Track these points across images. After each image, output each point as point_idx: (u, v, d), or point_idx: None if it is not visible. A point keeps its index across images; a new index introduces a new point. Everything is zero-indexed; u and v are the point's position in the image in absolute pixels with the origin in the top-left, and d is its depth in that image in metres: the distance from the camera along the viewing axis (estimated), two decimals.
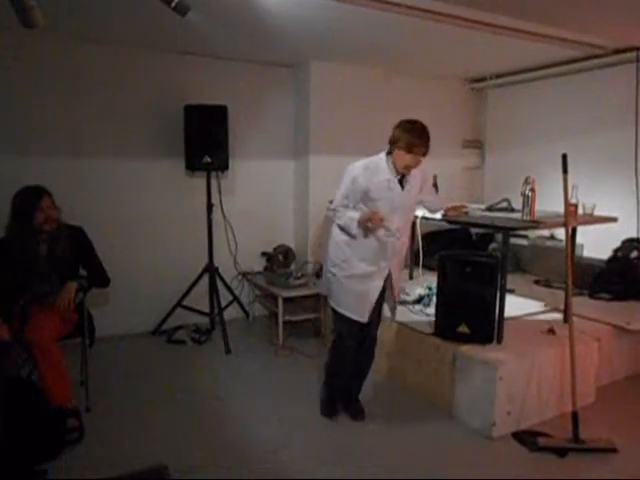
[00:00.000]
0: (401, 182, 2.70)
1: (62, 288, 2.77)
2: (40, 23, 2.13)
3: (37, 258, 2.81)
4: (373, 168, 2.68)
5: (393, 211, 2.67)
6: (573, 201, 2.98)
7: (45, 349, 2.60)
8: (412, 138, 2.58)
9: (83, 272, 2.99)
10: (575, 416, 2.63)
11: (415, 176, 2.75)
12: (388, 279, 2.81)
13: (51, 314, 2.72)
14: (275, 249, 4.65)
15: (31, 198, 2.77)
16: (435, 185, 4.23)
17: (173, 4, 2.48)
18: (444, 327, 3.04)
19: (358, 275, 2.73)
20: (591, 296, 3.90)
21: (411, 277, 4.56)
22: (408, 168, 2.65)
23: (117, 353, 3.85)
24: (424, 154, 2.62)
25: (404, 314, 3.51)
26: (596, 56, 4.15)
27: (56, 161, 3.84)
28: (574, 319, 2.81)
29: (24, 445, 2.35)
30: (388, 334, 3.47)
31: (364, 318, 2.75)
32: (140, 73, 4.10)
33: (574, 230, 3.23)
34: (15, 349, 2.53)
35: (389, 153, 2.69)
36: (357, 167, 2.70)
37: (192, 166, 4.08)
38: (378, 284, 2.77)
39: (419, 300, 3.72)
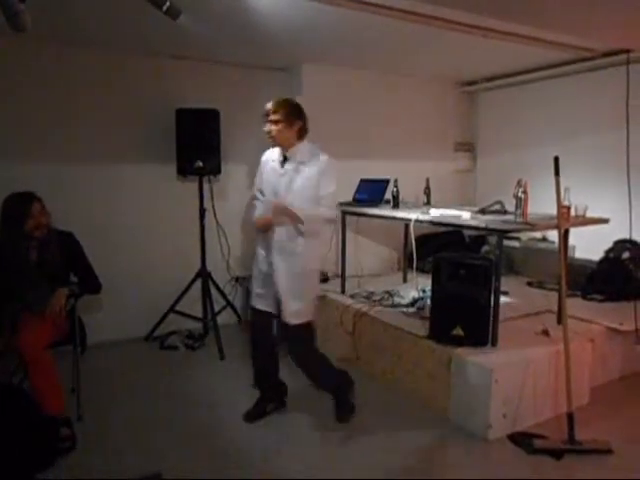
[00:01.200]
0: (283, 163, 2.74)
1: (53, 294, 2.74)
2: (29, 26, 2.11)
3: (27, 264, 2.77)
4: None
5: (275, 197, 2.71)
6: (565, 203, 3.00)
7: (36, 357, 2.56)
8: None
9: (74, 278, 2.96)
10: (570, 417, 2.63)
11: (311, 162, 2.73)
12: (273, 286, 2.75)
13: (42, 321, 2.68)
14: None
15: (21, 204, 2.74)
16: (427, 188, 4.25)
17: (165, 8, 2.47)
18: (439, 330, 3.04)
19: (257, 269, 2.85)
20: (584, 297, 3.93)
21: (405, 280, 4.57)
22: (271, 138, 2.73)
23: (109, 360, 3.81)
24: (267, 115, 2.71)
25: (398, 317, 3.51)
26: (586, 59, 4.18)
27: (46, 166, 3.80)
28: (568, 320, 2.82)
29: (15, 455, 2.31)
30: (382, 337, 3.46)
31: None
32: (131, 77, 4.08)
33: (567, 232, 3.24)
34: (5, 357, 2.49)
35: None
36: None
37: (184, 171, 4.06)
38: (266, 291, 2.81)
39: (413, 303, 3.72)
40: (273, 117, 2.68)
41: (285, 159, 2.75)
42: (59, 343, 2.82)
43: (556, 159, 2.78)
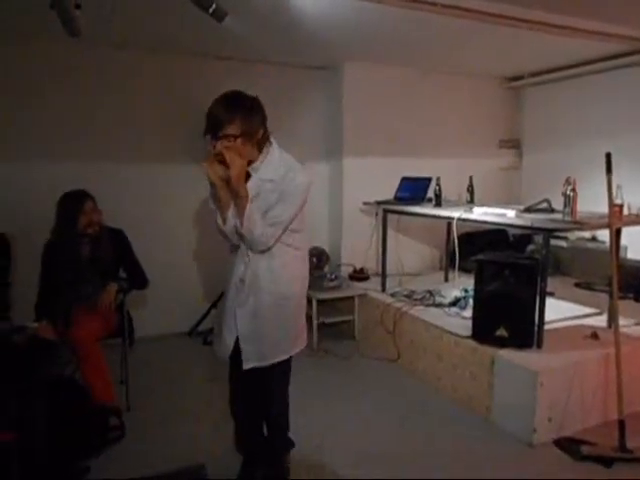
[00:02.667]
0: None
1: (103, 289, 2.85)
2: (83, 31, 2.20)
3: (80, 260, 2.90)
4: None
5: None
6: (618, 201, 2.88)
7: (88, 349, 2.68)
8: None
9: (123, 274, 3.07)
10: (622, 424, 2.53)
11: (284, 183, 2.02)
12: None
13: (93, 315, 2.80)
14: (310, 251, 4.65)
15: (75, 202, 2.86)
16: (470, 186, 4.17)
17: (211, 10, 2.52)
18: (481, 330, 2.99)
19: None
20: (636, 299, 3.76)
21: (446, 279, 4.51)
22: (221, 165, 2.00)
23: (156, 353, 3.93)
24: (215, 129, 2.00)
25: (439, 317, 3.47)
26: (637, 51, 3.99)
27: (96, 165, 3.95)
28: (620, 323, 2.70)
29: (68, 442, 2.42)
30: (423, 336, 3.43)
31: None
32: (173, 78, 4.16)
33: (618, 231, 3.11)
34: (60, 348, 2.61)
35: None
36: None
37: None
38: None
39: (455, 302, 3.67)
40: (228, 130, 1.93)
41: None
42: (109, 336, 2.94)
43: (608, 156, 2.68)
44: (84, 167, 3.88)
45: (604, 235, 4.28)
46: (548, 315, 2.95)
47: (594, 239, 4.53)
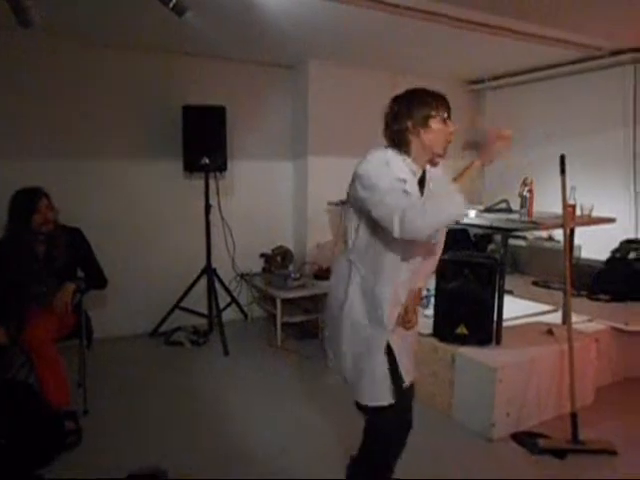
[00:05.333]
0: (421, 183, 1.79)
1: (59, 289, 2.76)
2: (36, 22, 2.12)
3: (34, 259, 2.80)
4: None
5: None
6: (571, 202, 2.99)
7: (43, 351, 2.59)
8: (442, 99, 1.83)
9: (81, 274, 2.98)
10: (574, 417, 2.62)
11: (437, 173, 1.87)
12: None
13: (48, 315, 2.71)
14: (273, 250, 4.64)
15: (28, 199, 2.77)
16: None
17: (171, 4, 2.48)
18: (443, 328, 3.04)
19: None
20: (590, 297, 3.91)
21: None
22: (446, 148, 1.82)
23: (115, 355, 3.83)
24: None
25: None
26: (594, 57, 4.15)
27: (52, 163, 3.82)
28: (573, 320, 2.81)
29: (21, 449, 2.34)
30: None
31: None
32: (138, 74, 4.09)
33: (572, 231, 3.23)
34: (12, 351, 2.51)
35: (399, 146, 1.78)
36: (386, 156, 1.74)
37: (190, 167, 4.07)
38: None
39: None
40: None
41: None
42: (66, 337, 2.85)
43: (562, 158, 2.77)
44: (42, 165, 3.76)
45: (561, 235, 4.43)
46: (507, 313, 3.03)
47: (551, 238, 4.68)
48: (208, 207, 4.16)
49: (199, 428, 2.82)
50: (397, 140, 1.78)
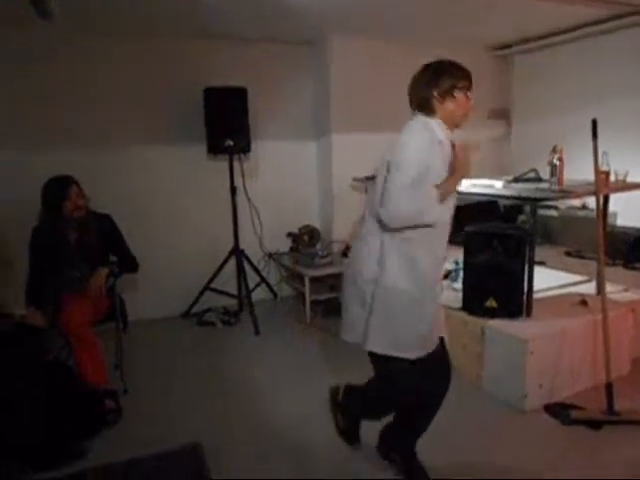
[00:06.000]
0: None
1: (93, 274, 2.85)
2: (55, 13, 2.15)
3: (67, 245, 2.89)
4: (431, 137, 1.89)
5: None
6: (604, 168, 2.88)
7: (80, 334, 2.69)
8: (467, 73, 2.02)
9: (113, 259, 3.06)
10: (609, 387, 2.57)
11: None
12: None
13: (84, 300, 2.80)
14: (300, 229, 4.65)
15: (59, 187, 2.85)
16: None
17: None
18: (471, 302, 3.01)
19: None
20: (625, 266, 3.79)
21: None
22: (465, 120, 2.02)
23: (149, 337, 3.95)
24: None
25: None
26: (626, 14, 3.93)
27: (80, 150, 3.90)
28: (608, 290, 2.73)
29: (64, 426, 2.45)
30: None
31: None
32: (159, 58, 4.11)
33: (606, 198, 3.12)
34: (51, 334, 2.62)
35: (428, 112, 1.95)
36: (428, 139, 1.86)
37: (214, 150, 4.09)
38: None
39: (446, 275, 3.67)
40: None
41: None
42: (101, 321, 2.96)
43: (594, 122, 2.66)
44: (69, 153, 3.84)
45: (594, 203, 4.29)
46: (538, 284, 2.97)
47: (584, 207, 4.53)
48: (234, 189, 4.18)
49: (231, 405, 2.90)
50: (423, 106, 1.94)
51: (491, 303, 2.91)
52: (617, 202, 3.63)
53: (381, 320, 1.94)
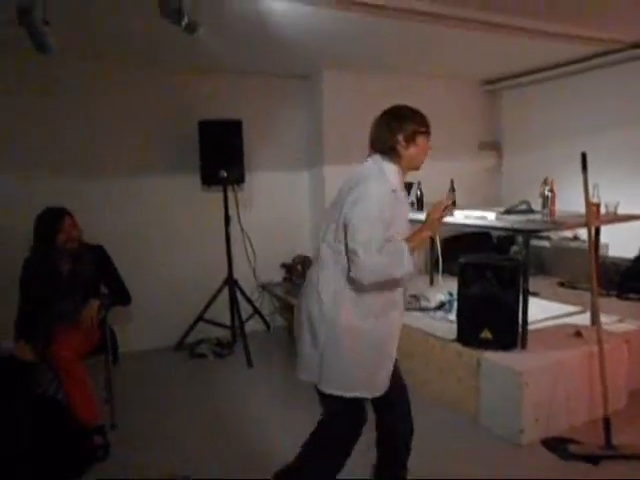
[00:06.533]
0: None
1: (85, 306, 2.81)
2: (53, 49, 2.18)
3: (60, 277, 2.86)
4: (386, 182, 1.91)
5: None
6: (595, 200, 2.91)
7: (70, 367, 2.64)
8: (425, 117, 2.05)
9: (105, 290, 3.03)
10: (607, 422, 2.54)
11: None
12: None
13: (74, 332, 2.76)
14: (294, 259, 4.65)
15: (53, 219, 2.84)
16: (452, 189, 4.19)
17: (183, 24, 2.51)
18: (466, 333, 2.99)
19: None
20: (619, 296, 3.80)
21: (432, 283, 4.52)
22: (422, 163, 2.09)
23: (141, 369, 3.88)
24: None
25: (425, 321, 3.47)
26: (614, 51, 4.06)
27: (73, 181, 3.91)
28: (602, 320, 2.73)
29: (52, 462, 2.38)
30: (409, 341, 3.42)
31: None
32: (153, 91, 4.17)
33: (597, 230, 3.15)
34: (39, 368, 2.57)
35: (389, 156, 1.97)
36: (386, 188, 1.88)
37: (208, 181, 4.12)
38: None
39: (440, 306, 3.67)
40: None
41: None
42: (92, 353, 2.90)
43: (583, 155, 2.71)
44: (61, 182, 3.85)
45: (586, 234, 4.33)
46: (532, 315, 2.97)
47: (576, 238, 4.58)
48: (228, 219, 4.19)
49: (222, 439, 2.83)
50: (389, 152, 1.95)
51: (486, 334, 2.89)
52: (608, 233, 3.66)
53: (338, 359, 1.90)
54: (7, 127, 3.70)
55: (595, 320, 2.74)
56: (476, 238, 4.96)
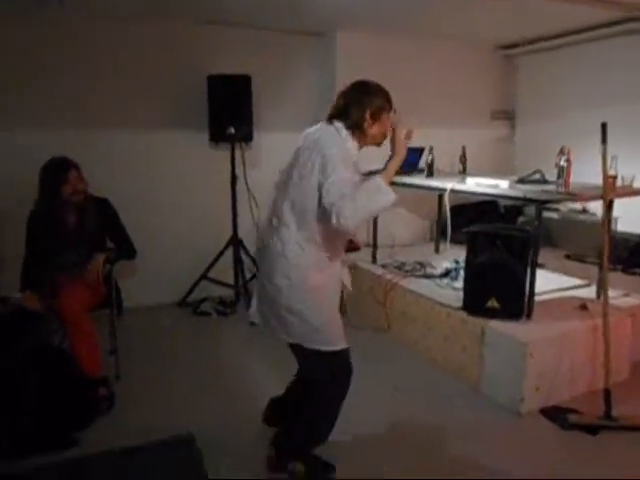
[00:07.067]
0: None
1: (90, 259, 2.79)
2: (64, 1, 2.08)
3: (65, 230, 2.83)
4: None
5: None
6: (612, 172, 2.85)
7: (76, 319, 2.64)
8: (388, 93, 2.10)
9: (110, 245, 3.01)
10: (607, 393, 2.56)
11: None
12: None
13: (80, 285, 2.75)
14: None
15: (58, 170, 2.78)
16: (463, 156, 4.11)
17: None
18: (472, 301, 2.99)
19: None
20: (625, 271, 3.79)
21: (437, 250, 4.50)
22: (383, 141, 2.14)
23: (145, 324, 3.89)
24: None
25: (431, 288, 3.46)
26: (636, 18, 3.90)
27: (79, 134, 3.83)
28: (608, 294, 2.72)
29: (57, 412, 2.41)
30: (414, 307, 3.43)
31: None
32: (162, 44, 4.03)
33: (611, 203, 3.09)
34: (45, 318, 2.57)
35: (352, 131, 2.02)
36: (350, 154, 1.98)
37: (216, 137, 4.03)
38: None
39: (446, 274, 3.66)
40: None
41: None
42: (97, 306, 2.90)
43: (603, 126, 2.63)
44: (69, 135, 3.76)
45: (595, 207, 4.28)
46: (538, 286, 2.95)
47: (585, 211, 4.53)
48: (234, 178, 4.13)
49: (226, 396, 2.87)
50: (353, 127, 1.99)
51: (492, 303, 2.88)
52: (618, 207, 3.60)
53: (317, 317, 2.01)
54: (2, 82, 3.58)
55: (603, 293, 2.72)
56: (483, 207, 4.91)
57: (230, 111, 3.92)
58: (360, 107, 1.98)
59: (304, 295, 1.99)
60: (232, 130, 3.90)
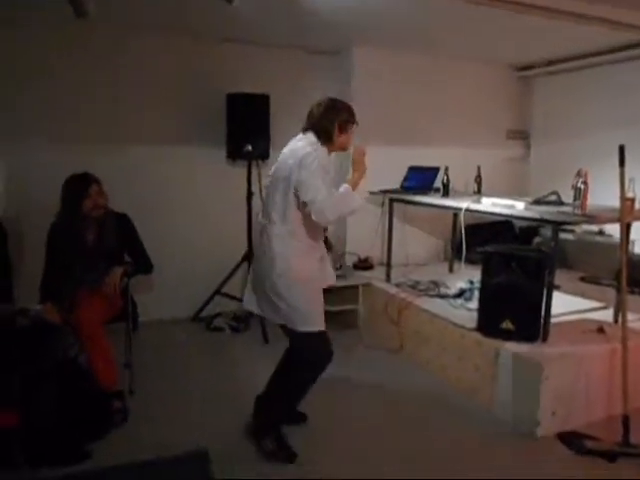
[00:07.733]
0: None
1: (108, 273, 2.83)
2: (91, 12, 2.16)
3: (84, 244, 2.88)
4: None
5: None
6: (630, 195, 2.84)
7: (93, 333, 2.68)
8: (352, 109, 2.51)
9: (128, 258, 3.05)
10: (626, 418, 2.52)
11: None
12: None
13: (98, 298, 2.79)
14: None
15: (80, 185, 2.85)
16: (479, 176, 4.12)
17: None
18: (487, 323, 2.97)
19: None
20: None
21: (451, 270, 4.49)
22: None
23: (159, 338, 3.92)
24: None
25: (444, 308, 3.45)
26: None
27: (100, 149, 3.91)
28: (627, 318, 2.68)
29: (70, 425, 2.42)
30: (428, 327, 3.42)
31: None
32: (183, 62, 4.13)
33: (628, 225, 3.07)
34: (64, 331, 2.60)
35: (323, 139, 2.38)
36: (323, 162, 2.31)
37: (233, 155, 4.09)
38: None
39: (460, 294, 3.65)
40: None
41: None
42: (113, 320, 2.93)
43: (621, 148, 2.63)
44: (89, 149, 3.84)
45: (611, 229, 4.24)
46: (554, 309, 2.93)
47: (601, 233, 4.49)
48: (250, 194, 4.18)
49: (237, 410, 2.85)
50: (323, 134, 2.37)
51: (507, 325, 2.87)
52: (636, 230, 3.58)
53: (297, 305, 2.33)
54: (24, 95, 3.68)
55: (622, 317, 2.69)
56: (498, 228, 4.89)
57: (248, 129, 3.99)
58: (330, 120, 2.37)
59: (289, 282, 2.31)
60: (249, 148, 3.96)
